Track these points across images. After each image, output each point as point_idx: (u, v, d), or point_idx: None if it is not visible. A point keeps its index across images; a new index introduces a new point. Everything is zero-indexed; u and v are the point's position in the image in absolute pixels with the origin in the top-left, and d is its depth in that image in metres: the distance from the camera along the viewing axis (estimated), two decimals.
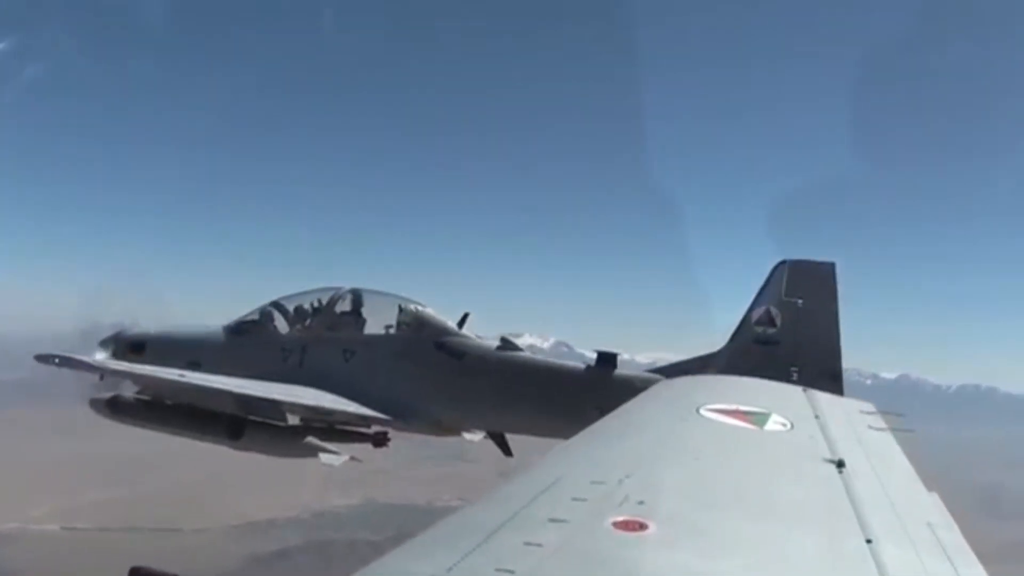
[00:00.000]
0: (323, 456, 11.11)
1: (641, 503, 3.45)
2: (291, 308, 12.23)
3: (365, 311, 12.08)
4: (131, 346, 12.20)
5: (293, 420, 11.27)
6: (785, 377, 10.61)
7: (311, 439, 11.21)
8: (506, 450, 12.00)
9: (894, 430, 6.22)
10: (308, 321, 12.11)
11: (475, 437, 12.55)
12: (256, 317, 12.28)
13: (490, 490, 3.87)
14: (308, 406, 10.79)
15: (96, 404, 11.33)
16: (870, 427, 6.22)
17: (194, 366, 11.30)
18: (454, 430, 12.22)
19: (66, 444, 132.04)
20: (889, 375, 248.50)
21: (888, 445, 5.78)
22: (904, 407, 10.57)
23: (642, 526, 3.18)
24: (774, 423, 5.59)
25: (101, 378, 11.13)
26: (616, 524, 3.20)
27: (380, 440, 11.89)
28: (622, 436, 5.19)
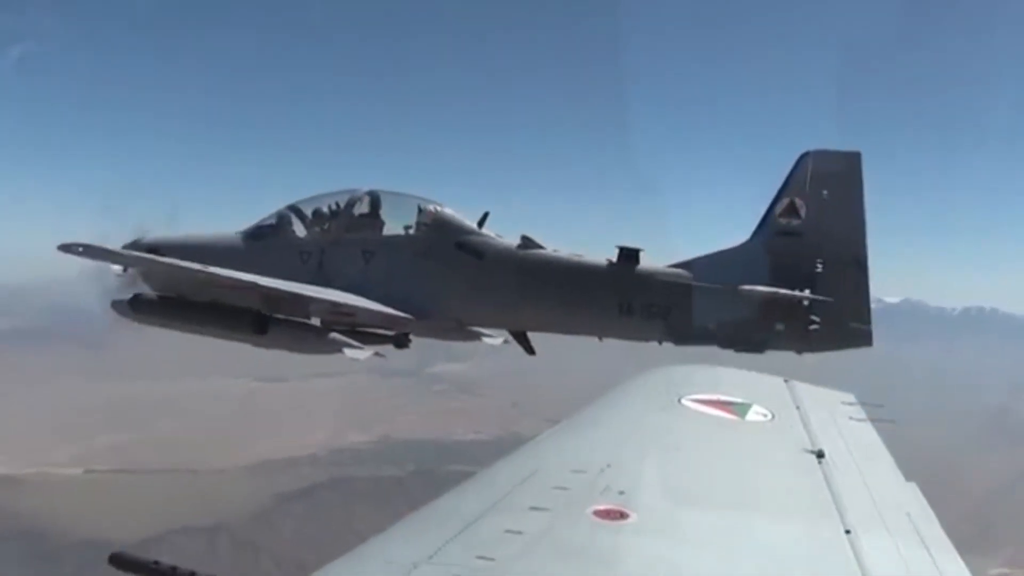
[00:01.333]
0: (348, 351, 11.03)
1: (622, 493, 3.51)
2: (308, 211, 12.09)
3: (383, 212, 11.93)
4: (147, 252, 12.11)
5: (316, 322, 11.24)
6: (809, 269, 10.56)
7: (335, 335, 11.17)
8: (529, 349, 11.96)
9: (875, 421, 6.26)
10: (326, 224, 11.97)
11: (495, 340, 12.53)
12: (273, 221, 12.14)
13: (471, 478, 3.92)
14: (333, 302, 10.74)
15: (118, 305, 11.27)
16: (851, 418, 6.39)
17: None
18: (475, 331, 12.18)
19: (74, 388, 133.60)
20: (892, 299, 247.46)
21: (868, 436, 5.98)
22: (908, 331, 10.62)
23: (623, 515, 3.24)
24: (755, 413, 5.79)
25: (124, 270, 11.06)
26: (597, 513, 3.26)
27: (401, 341, 11.90)
28: (604, 425, 5.21)
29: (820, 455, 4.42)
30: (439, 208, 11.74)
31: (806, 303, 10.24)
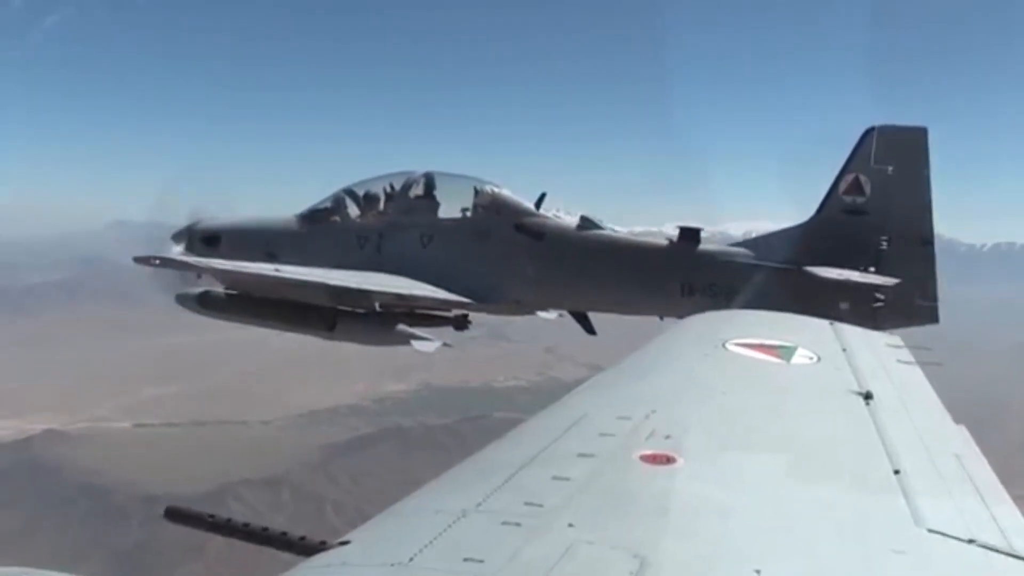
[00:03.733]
0: (415, 343, 11.13)
1: (668, 437, 3.44)
2: (364, 194, 12.09)
3: (439, 194, 11.90)
4: (205, 239, 12.20)
5: (377, 307, 11.30)
6: (875, 246, 10.44)
7: (402, 326, 11.25)
8: (589, 329, 11.97)
9: (922, 363, 6.18)
10: (382, 207, 11.98)
11: (549, 315, 12.53)
12: (330, 204, 12.17)
13: (516, 428, 3.86)
14: (397, 294, 10.79)
15: (184, 299, 11.40)
16: (898, 360, 6.19)
17: (270, 256, 11.32)
18: (532, 310, 12.20)
19: (116, 342, 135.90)
20: None
21: (916, 378, 5.65)
22: (939, 268, 10.41)
23: (669, 459, 3.18)
24: (801, 356, 5.52)
25: (198, 276, 11.17)
26: (643, 458, 3.19)
27: (461, 323, 11.90)
28: (647, 372, 5.13)
29: (868, 396, 4.44)
30: (496, 189, 11.68)
31: (872, 282, 10.16)
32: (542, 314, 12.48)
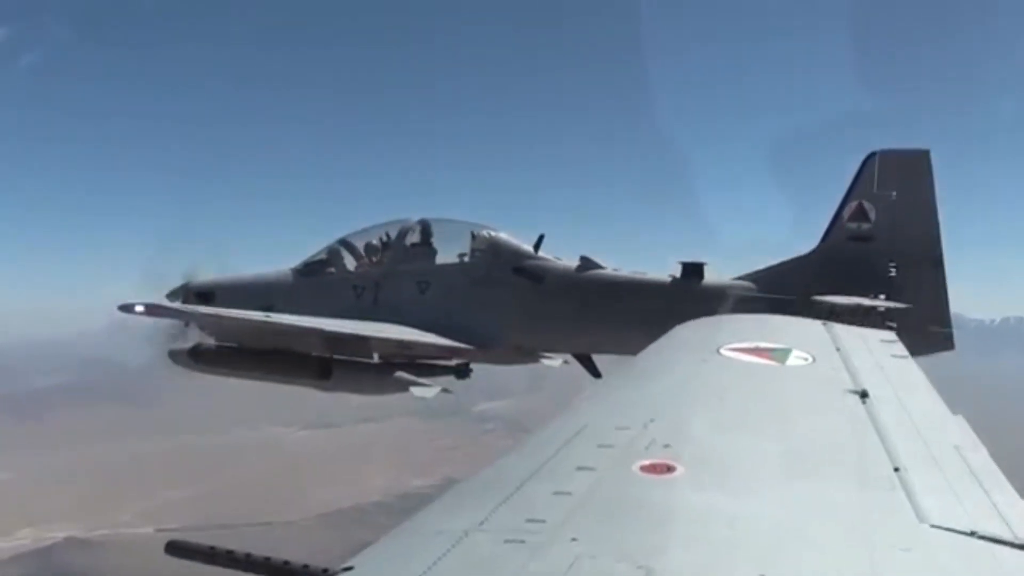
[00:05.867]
0: (414, 390, 10.91)
1: (667, 446, 3.48)
2: (360, 244, 12.10)
3: (436, 241, 11.87)
4: (200, 295, 12.11)
5: (376, 358, 11.09)
6: (883, 273, 10.20)
7: (400, 374, 11.02)
8: (594, 372, 11.68)
9: (916, 356, 6.23)
10: (378, 256, 11.95)
11: (554, 362, 12.32)
12: (325, 256, 12.14)
13: (516, 444, 3.93)
14: (396, 340, 10.61)
15: (176, 356, 11.22)
16: (892, 355, 6.29)
17: (267, 310, 11.15)
18: (533, 354, 11.97)
19: (129, 444, 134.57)
20: None
21: (910, 371, 5.75)
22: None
23: (669, 469, 3.20)
24: (795, 358, 5.62)
25: (186, 324, 11.03)
26: (643, 468, 3.22)
27: (462, 372, 11.74)
28: (644, 380, 5.25)
29: (864, 395, 4.31)
30: (493, 233, 11.60)
31: (882, 309, 9.88)
32: (547, 361, 12.33)
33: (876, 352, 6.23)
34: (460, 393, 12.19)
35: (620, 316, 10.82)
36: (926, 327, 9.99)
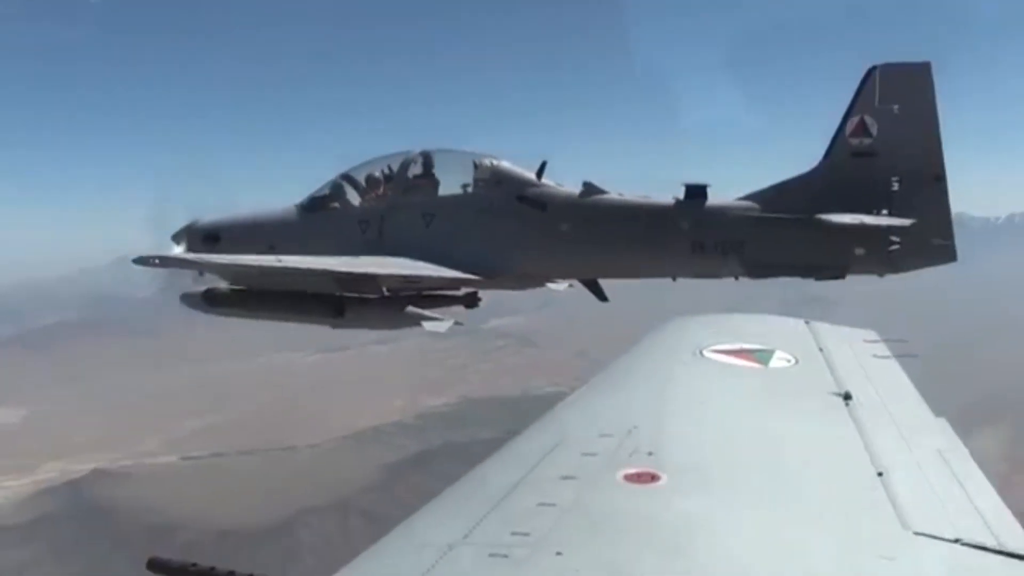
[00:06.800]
0: (426, 324, 10.96)
1: (651, 454, 3.44)
2: (362, 178, 11.93)
3: (439, 172, 11.73)
4: (205, 236, 12.06)
5: (385, 292, 11.16)
6: (885, 188, 10.16)
7: (411, 308, 11.10)
8: (601, 296, 11.75)
9: (899, 356, 6.15)
10: (382, 189, 11.82)
11: (560, 287, 12.34)
12: (328, 192, 12.03)
13: (500, 448, 3.89)
14: (404, 276, 10.65)
15: (190, 299, 11.28)
16: (875, 356, 6.27)
17: (272, 249, 11.15)
18: (541, 282, 12.03)
19: (147, 375, 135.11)
20: None
21: (894, 373, 5.72)
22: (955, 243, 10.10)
23: (654, 477, 3.16)
24: (779, 360, 5.63)
25: (201, 274, 11.06)
26: (627, 477, 3.18)
27: (471, 301, 11.79)
28: (627, 385, 5.17)
29: (847, 397, 4.35)
30: (495, 162, 11.49)
31: (884, 226, 9.89)
32: (552, 286, 12.32)
33: (859, 352, 6.25)
34: (470, 311, 12.20)
35: (625, 240, 10.79)
36: (929, 240, 10.00)
